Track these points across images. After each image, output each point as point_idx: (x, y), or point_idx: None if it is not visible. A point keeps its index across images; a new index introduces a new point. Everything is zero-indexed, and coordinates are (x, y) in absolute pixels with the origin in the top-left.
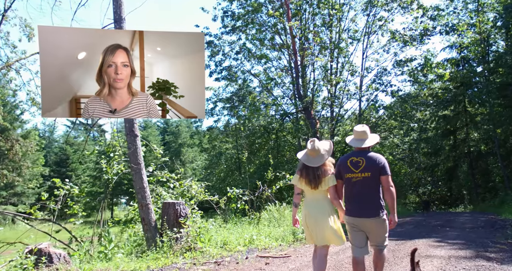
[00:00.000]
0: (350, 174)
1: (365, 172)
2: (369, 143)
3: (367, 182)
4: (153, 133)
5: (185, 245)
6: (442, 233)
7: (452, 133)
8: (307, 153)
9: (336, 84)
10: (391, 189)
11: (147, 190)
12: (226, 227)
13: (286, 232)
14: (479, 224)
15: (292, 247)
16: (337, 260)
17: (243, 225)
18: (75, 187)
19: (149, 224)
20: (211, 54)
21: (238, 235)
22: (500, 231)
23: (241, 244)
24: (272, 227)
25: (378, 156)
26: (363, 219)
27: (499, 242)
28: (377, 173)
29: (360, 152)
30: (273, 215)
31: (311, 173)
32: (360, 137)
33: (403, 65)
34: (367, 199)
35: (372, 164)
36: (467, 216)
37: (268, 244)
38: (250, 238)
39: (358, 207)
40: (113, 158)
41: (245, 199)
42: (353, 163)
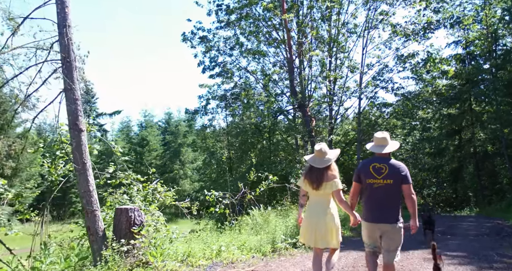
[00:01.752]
0: (372, 179)
1: (387, 179)
2: (389, 149)
3: (389, 188)
4: (153, 133)
5: (135, 260)
6: (442, 242)
7: (457, 133)
8: (314, 155)
9: (335, 80)
10: (413, 196)
11: (94, 194)
12: (198, 235)
13: (264, 241)
14: (484, 231)
15: (265, 260)
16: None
17: (219, 232)
18: (10, 190)
19: (95, 234)
20: (205, 50)
21: (206, 245)
22: (507, 240)
23: (207, 257)
24: (252, 234)
25: (401, 164)
26: (381, 224)
27: (506, 254)
28: (399, 181)
29: (382, 158)
30: (256, 220)
31: (315, 175)
32: (381, 143)
33: (405, 60)
34: (387, 206)
35: (395, 172)
36: (471, 221)
37: (238, 257)
38: (218, 249)
39: (377, 212)
40: (58, 156)
41: (226, 203)
42: (375, 169)
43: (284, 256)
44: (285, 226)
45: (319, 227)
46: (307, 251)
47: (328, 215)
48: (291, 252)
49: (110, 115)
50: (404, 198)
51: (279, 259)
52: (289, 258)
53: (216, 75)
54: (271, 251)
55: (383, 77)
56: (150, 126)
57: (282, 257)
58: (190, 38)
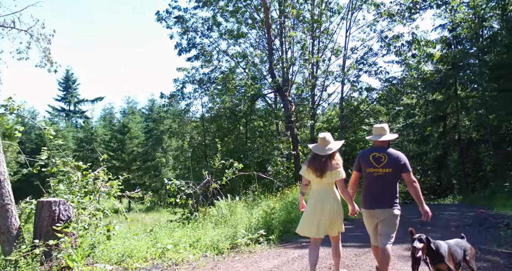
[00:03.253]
0: (371, 168)
1: (386, 168)
2: (386, 138)
3: (388, 177)
4: (134, 119)
5: (54, 264)
6: None
7: (442, 119)
8: (317, 142)
9: (317, 64)
10: (415, 184)
11: (6, 184)
12: (149, 230)
13: (224, 236)
14: (467, 221)
15: (216, 260)
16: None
17: (181, 226)
18: None
19: (7, 233)
20: (182, 32)
21: (154, 242)
22: (491, 232)
23: (149, 258)
24: (215, 228)
25: (399, 153)
26: (378, 210)
27: (490, 250)
28: (399, 169)
29: (381, 147)
30: (222, 211)
31: (318, 163)
32: (379, 132)
33: (389, 44)
34: (384, 193)
35: (394, 161)
36: (454, 210)
37: (184, 256)
38: (164, 247)
39: (375, 200)
40: None
41: (189, 193)
42: (375, 158)
43: (242, 253)
44: (253, 218)
45: (324, 216)
46: (270, 247)
47: (333, 203)
48: (252, 249)
49: (92, 102)
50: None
51: (234, 258)
52: (245, 257)
53: (194, 58)
54: (229, 248)
55: (367, 61)
56: (132, 113)
57: (240, 255)
58: (165, 17)
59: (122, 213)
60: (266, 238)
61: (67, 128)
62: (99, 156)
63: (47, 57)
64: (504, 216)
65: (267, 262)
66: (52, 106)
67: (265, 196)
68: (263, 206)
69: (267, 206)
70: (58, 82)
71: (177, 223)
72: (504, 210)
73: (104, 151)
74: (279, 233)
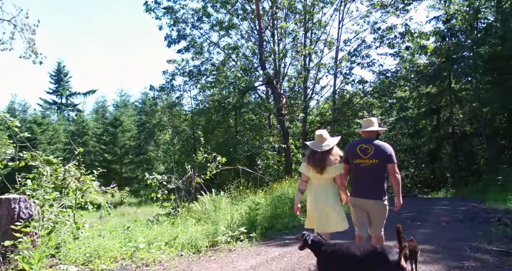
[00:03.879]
0: (358, 159)
1: (373, 159)
2: (374, 128)
3: (374, 168)
4: (127, 113)
5: (9, 267)
6: (408, 231)
7: (436, 112)
8: (315, 140)
9: (310, 56)
10: (397, 176)
11: None
12: (126, 227)
13: (204, 233)
14: (458, 216)
15: (191, 260)
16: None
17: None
18: None
19: None
20: (172, 23)
21: (127, 240)
22: (483, 228)
23: (119, 258)
24: (197, 224)
25: (386, 145)
26: (367, 200)
27: (480, 248)
28: (384, 160)
29: (368, 139)
30: (206, 207)
31: (317, 159)
32: (367, 124)
33: (383, 36)
34: (372, 183)
35: (380, 152)
36: (445, 204)
37: (157, 256)
38: (136, 246)
39: (363, 189)
40: None
41: (171, 188)
42: (362, 150)
43: (221, 252)
44: (237, 214)
45: (328, 211)
46: (251, 245)
47: (335, 199)
48: (232, 247)
49: (85, 95)
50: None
51: (210, 258)
52: (223, 256)
53: (184, 50)
54: (209, 245)
55: (360, 53)
56: (125, 106)
57: (218, 254)
58: (154, 8)
59: (105, 208)
60: (247, 235)
61: (58, 121)
62: (90, 149)
63: (31, 48)
64: (497, 210)
65: (244, 262)
66: (44, 99)
67: (251, 190)
68: (248, 202)
69: (252, 201)
70: (50, 75)
71: (165, 218)
72: (496, 204)
73: (96, 144)
74: (264, 229)
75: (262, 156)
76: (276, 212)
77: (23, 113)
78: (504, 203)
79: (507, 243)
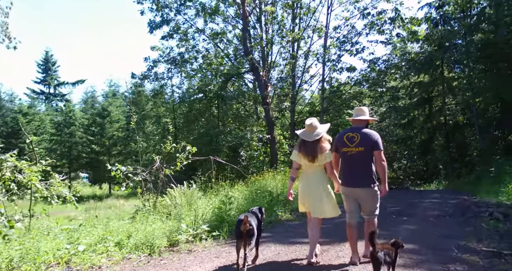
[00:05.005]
0: (345, 148)
1: (359, 147)
2: (364, 117)
3: (361, 155)
4: (115, 103)
5: None
6: (393, 228)
7: (428, 102)
8: (305, 129)
9: (298, 43)
10: (383, 163)
11: None
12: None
13: (165, 230)
14: (447, 210)
15: (137, 265)
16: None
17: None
18: None
19: None
20: (156, 8)
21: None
22: (473, 223)
23: (53, 263)
24: (162, 220)
25: (372, 132)
26: (356, 188)
27: (469, 247)
28: (370, 147)
29: (356, 128)
30: (176, 201)
31: (309, 148)
32: (358, 112)
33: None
34: (360, 171)
35: (366, 139)
36: (436, 197)
37: (97, 261)
38: (75, 248)
39: (352, 178)
40: None
41: (138, 180)
42: (348, 138)
43: (178, 253)
44: (208, 209)
45: (320, 197)
46: (216, 244)
47: (325, 186)
48: (193, 247)
49: (73, 85)
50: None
51: (159, 262)
52: (176, 260)
53: (168, 37)
54: (167, 245)
55: (349, 40)
56: (114, 95)
57: (173, 256)
58: None
59: (72, 202)
60: (209, 233)
61: (45, 111)
62: (77, 140)
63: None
64: (488, 203)
65: (198, 267)
66: (31, 89)
67: (228, 183)
68: (221, 195)
69: (225, 195)
70: (37, 64)
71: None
72: (488, 197)
73: (83, 135)
74: (233, 227)
75: (245, 146)
76: (253, 206)
77: (10, 103)
78: (496, 196)
79: (499, 241)
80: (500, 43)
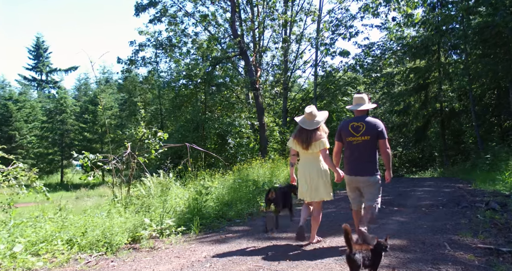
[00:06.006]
0: (351, 137)
1: (365, 136)
2: (365, 107)
3: (366, 144)
4: (107, 90)
5: None
6: (381, 220)
7: (424, 88)
8: (304, 116)
9: (291, 26)
10: (388, 151)
11: None
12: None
13: (126, 226)
14: (441, 199)
15: (81, 267)
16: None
17: None
18: None
19: None
20: None
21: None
22: (468, 214)
23: None
24: (136, 214)
25: (377, 121)
26: (360, 177)
27: (463, 243)
28: (376, 136)
29: (360, 117)
30: (150, 192)
31: (304, 136)
32: (358, 101)
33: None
34: (365, 160)
35: (372, 128)
36: (430, 185)
37: (32, 265)
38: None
39: (357, 167)
40: None
41: (108, 169)
42: (354, 128)
43: (138, 252)
44: (184, 201)
45: (313, 183)
46: (183, 240)
47: (319, 171)
48: (158, 244)
49: (66, 72)
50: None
51: (109, 264)
52: (130, 261)
53: (156, 20)
54: (129, 242)
55: (343, 23)
56: (106, 82)
57: (128, 255)
58: None
59: (42, 192)
60: (177, 228)
61: (37, 98)
62: (69, 127)
63: None
64: (484, 192)
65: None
66: (23, 75)
67: (207, 172)
68: (197, 185)
69: (202, 185)
70: (28, 50)
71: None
72: (484, 186)
73: (75, 123)
74: (209, 219)
75: (234, 133)
76: (236, 196)
77: (1, 90)
78: (493, 184)
79: (496, 235)
80: (498, 26)
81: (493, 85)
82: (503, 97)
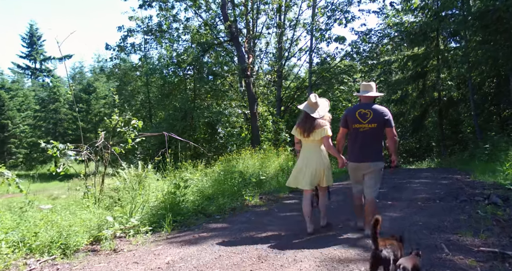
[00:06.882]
0: (357, 124)
1: (372, 123)
2: (373, 94)
3: (373, 132)
4: (101, 79)
5: None
6: None
7: (422, 76)
8: (308, 104)
9: (285, 11)
10: (395, 138)
11: None
12: None
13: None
14: (438, 192)
15: None
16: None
17: None
18: None
19: None
20: None
21: None
22: (467, 209)
23: None
24: (108, 210)
25: (384, 109)
26: (363, 163)
27: (463, 244)
28: (383, 124)
29: (366, 104)
30: (127, 184)
31: (307, 124)
32: (366, 88)
33: None
34: (370, 147)
35: (379, 116)
36: (427, 176)
37: None
38: None
39: (362, 153)
40: None
41: (80, 159)
42: (361, 114)
43: (96, 255)
44: (160, 195)
45: (309, 169)
46: (152, 241)
47: (319, 158)
48: (121, 245)
49: (60, 60)
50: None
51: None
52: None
53: (146, 5)
54: (89, 243)
55: (339, 8)
56: (101, 70)
57: (88, 258)
58: None
59: (15, 185)
60: (145, 226)
61: (31, 87)
62: (63, 116)
63: None
64: (484, 184)
65: None
66: (16, 64)
67: (189, 163)
68: (177, 178)
69: (181, 177)
70: (21, 37)
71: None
72: (483, 177)
73: (68, 112)
74: (186, 216)
75: (224, 123)
76: (220, 189)
77: None
78: (493, 175)
79: (499, 234)
80: (499, 11)
81: (493, 73)
82: (503, 86)
